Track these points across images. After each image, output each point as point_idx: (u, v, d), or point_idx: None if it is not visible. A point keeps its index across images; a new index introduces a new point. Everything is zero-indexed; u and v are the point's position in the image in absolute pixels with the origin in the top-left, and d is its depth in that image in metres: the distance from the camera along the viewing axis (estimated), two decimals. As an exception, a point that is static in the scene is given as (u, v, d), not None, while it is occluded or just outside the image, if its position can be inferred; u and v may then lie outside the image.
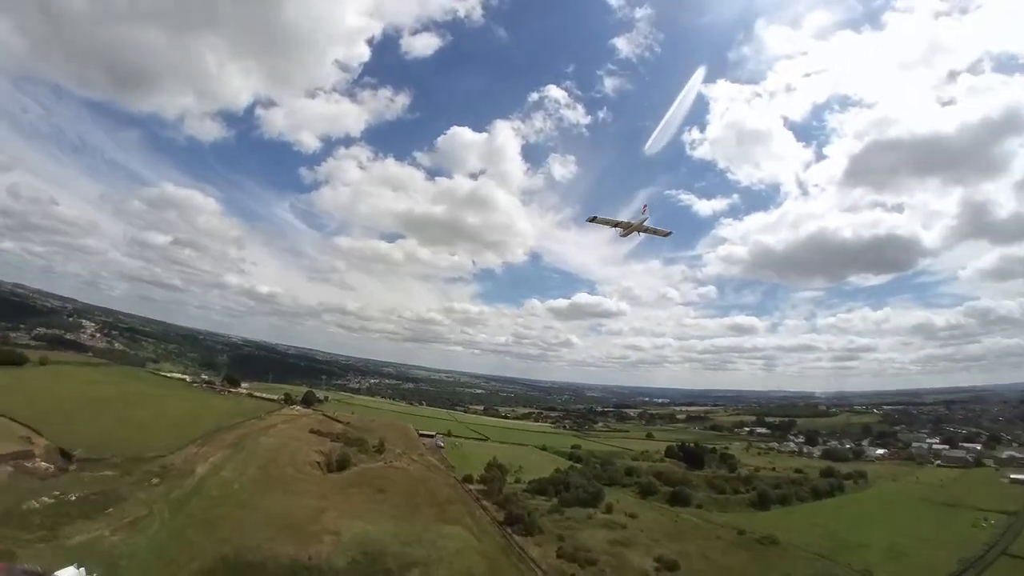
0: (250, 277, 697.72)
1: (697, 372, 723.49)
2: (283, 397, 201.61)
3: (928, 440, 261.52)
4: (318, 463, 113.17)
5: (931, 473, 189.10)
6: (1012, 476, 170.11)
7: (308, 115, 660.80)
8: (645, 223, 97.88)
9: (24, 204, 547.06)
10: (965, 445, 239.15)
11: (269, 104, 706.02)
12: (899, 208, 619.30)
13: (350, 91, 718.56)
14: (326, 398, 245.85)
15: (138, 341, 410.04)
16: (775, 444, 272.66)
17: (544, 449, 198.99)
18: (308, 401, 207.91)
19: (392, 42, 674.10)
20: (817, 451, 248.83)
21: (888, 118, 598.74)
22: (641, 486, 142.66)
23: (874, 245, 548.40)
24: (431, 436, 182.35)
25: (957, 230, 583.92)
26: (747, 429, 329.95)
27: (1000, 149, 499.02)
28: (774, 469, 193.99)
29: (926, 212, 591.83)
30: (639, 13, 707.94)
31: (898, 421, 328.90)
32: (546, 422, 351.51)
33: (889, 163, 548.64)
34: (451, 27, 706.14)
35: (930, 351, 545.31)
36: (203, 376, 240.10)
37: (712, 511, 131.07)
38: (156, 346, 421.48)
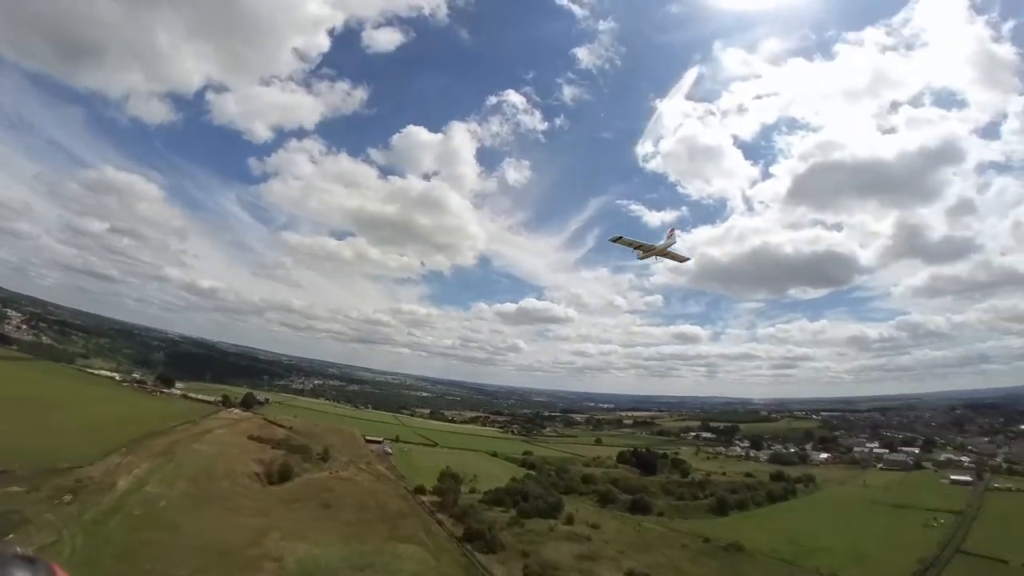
0: (192, 270, 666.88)
1: (642, 378, 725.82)
2: (221, 399, 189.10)
3: (868, 444, 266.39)
4: (258, 474, 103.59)
5: (875, 476, 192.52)
6: (952, 477, 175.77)
7: (261, 103, 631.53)
8: (669, 248, 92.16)
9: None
10: (904, 449, 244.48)
11: (221, 89, 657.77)
12: (838, 227, 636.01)
13: (307, 81, 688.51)
14: (267, 400, 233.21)
15: (68, 335, 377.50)
16: (722, 449, 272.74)
17: (495, 455, 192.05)
18: (248, 403, 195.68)
19: (354, 34, 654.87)
20: (764, 455, 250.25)
21: (832, 142, 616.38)
22: (600, 494, 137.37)
23: (814, 261, 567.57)
24: (378, 442, 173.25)
25: (892, 250, 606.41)
26: (693, 434, 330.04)
27: (935, 177, 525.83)
28: (724, 474, 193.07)
29: (864, 232, 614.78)
30: (603, 25, 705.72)
31: (837, 427, 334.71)
32: (494, 427, 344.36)
33: (831, 184, 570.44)
34: (415, 24, 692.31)
35: (863, 361, 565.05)
36: (135, 375, 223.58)
37: (673, 518, 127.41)
38: (87, 340, 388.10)
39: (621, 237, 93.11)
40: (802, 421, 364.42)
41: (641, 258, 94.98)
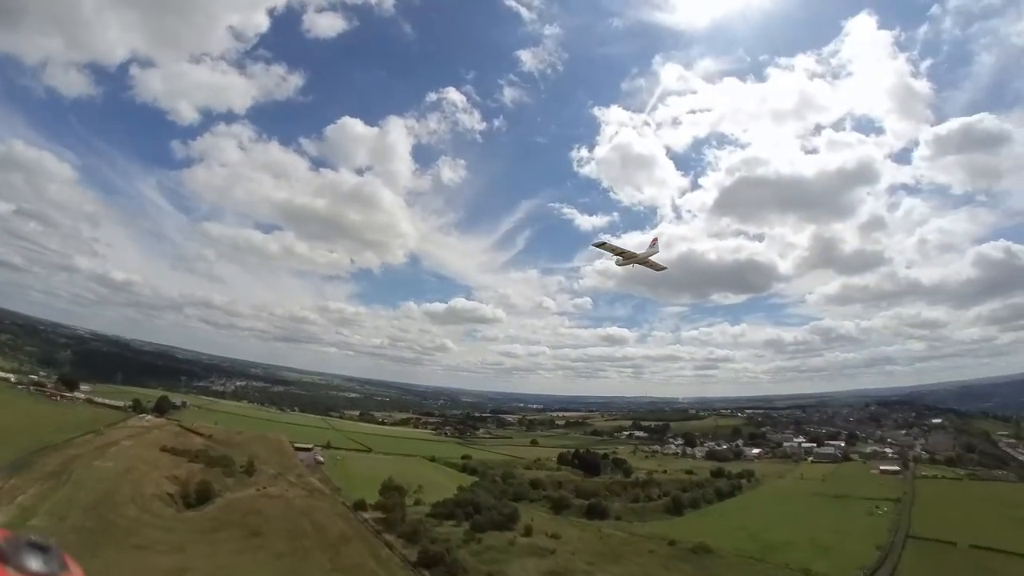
0: (104, 261, 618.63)
1: (570, 379, 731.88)
2: (131, 404, 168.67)
3: (795, 439, 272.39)
4: (171, 495, 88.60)
5: (808, 469, 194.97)
6: (882, 468, 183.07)
7: (189, 82, 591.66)
8: (650, 257, 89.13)
9: None
10: (830, 443, 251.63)
11: (147, 64, 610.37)
12: (760, 238, 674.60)
13: (240, 62, 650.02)
14: (184, 404, 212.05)
15: None
16: (657, 447, 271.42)
17: (434, 460, 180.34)
18: (162, 408, 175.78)
19: (295, 16, 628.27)
20: (699, 452, 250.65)
21: (758, 158, 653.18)
22: (552, 500, 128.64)
23: (736, 268, 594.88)
24: (308, 450, 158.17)
25: (808, 260, 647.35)
26: (627, 433, 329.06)
27: (850, 196, 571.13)
28: (665, 472, 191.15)
29: (783, 243, 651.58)
30: (548, 31, 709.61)
31: (762, 423, 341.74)
32: (426, 428, 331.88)
33: (755, 198, 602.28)
34: (359, 12, 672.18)
35: (779, 363, 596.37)
36: (32, 376, 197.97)
37: (632, 521, 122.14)
38: None
39: (604, 243, 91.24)
40: (728, 419, 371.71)
41: (620, 264, 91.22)
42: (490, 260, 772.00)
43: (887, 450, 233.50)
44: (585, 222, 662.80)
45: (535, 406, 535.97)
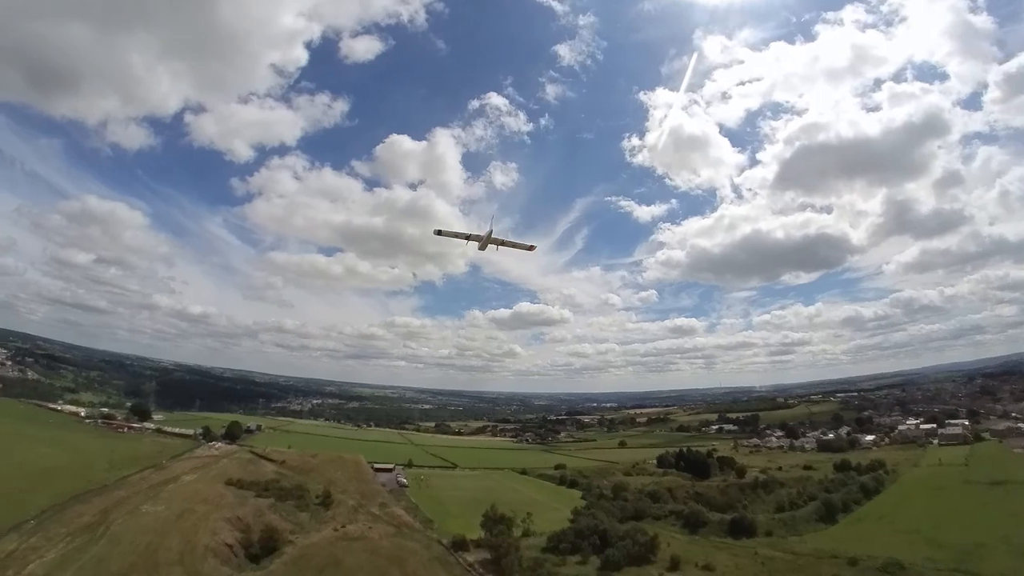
0: (181, 297, 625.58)
1: (640, 375, 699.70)
2: (201, 432, 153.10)
3: (909, 421, 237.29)
4: (230, 546, 68.24)
5: (939, 453, 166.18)
6: None
7: (241, 122, 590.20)
8: (493, 235, 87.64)
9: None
10: (951, 423, 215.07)
11: (199, 110, 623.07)
12: (828, 209, 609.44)
13: (285, 96, 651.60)
14: (258, 428, 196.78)
15: (56, 369, 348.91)
16: (756, 440, 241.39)
17: (524, 473, 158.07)
18: (233, 435, 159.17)
19: (331, 45, 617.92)
20: (807, 444, 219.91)
21: (817, 124, 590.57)
22: (682, 516, 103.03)
23: (805, 245, 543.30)
24: (389, 470, 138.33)
25: (882, 227, 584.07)
26: (714, 427, 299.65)
27: (921, 151, 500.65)
28: (780, 468, 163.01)
29: (853, 212, 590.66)
30: (583, 20, 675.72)
31: (861, 407, 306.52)
32: (505, 436, 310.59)
33: (818, 167, 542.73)
34: (393, 31, 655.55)
35: (859, 341, 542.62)
36: (103, 408, 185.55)
37: (785, 536, 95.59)
38: (76, 374, 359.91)
39: (441, 231, 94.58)
40: (820, 404, 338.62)
41: (481, 248, 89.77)
42: (550, 262, 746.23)
43: (1021, 425, 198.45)
44: (643, 213, 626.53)
45: (608, 404, 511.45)
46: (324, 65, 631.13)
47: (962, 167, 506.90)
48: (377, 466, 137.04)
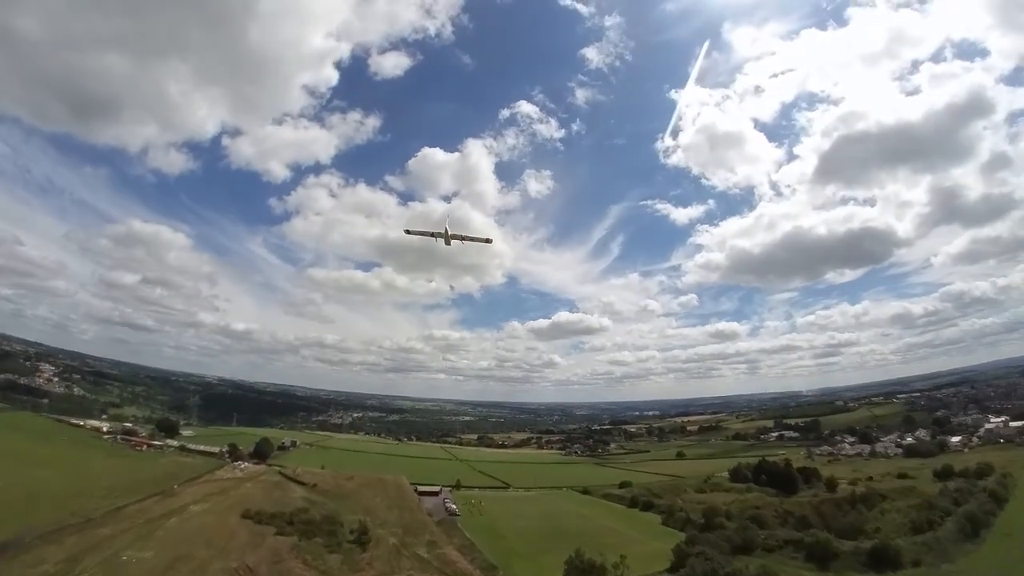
0: (225, 314, 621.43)
1: (682, 381, 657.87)
2: (227, 449, 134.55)
3: (993, 419, 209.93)
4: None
5: None
6: None
7: (276, 143, 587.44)
8: (449, 232, 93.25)
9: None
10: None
11: (236, 133, 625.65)
12: (871, 201, 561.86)
13: (319, 116, 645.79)
14: (293, 444, 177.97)
15: (102, 385, 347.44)
16: (829, 448, 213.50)
17: (587, 493, 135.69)
18: (262, 453, 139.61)
19: (360, 63, 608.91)
20: (888, 449, 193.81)
21: (855, 112, 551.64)
22: (803, 546, 79.20)
23: (848, 240, 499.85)
24: (435, 493, 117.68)
25: (928, 217, 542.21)
26: (774, 434, 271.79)
27: (966, 133, 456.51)
28: (871, 479, 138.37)
29: (897, 203, 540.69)
30: (609, 21, 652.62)
31: (933, 407, 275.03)
32: (552, 448, 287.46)
33: (858, 157, 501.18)
34: (421, 45, 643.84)
35: (909, 339, 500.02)
36: (127, 423, 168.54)
37: (938, 564, 72.43)
38: (122, 389, 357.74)
39: (409, 230, 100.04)
40: (883, 407, 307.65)
41: (447, 243, 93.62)
42: (587, 271, 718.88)
43: None
44: (680, 215, 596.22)
45: (651, 413, 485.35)
46: (355, 83, 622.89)
47: (1009, 148, 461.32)
48: (422, 489, 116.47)
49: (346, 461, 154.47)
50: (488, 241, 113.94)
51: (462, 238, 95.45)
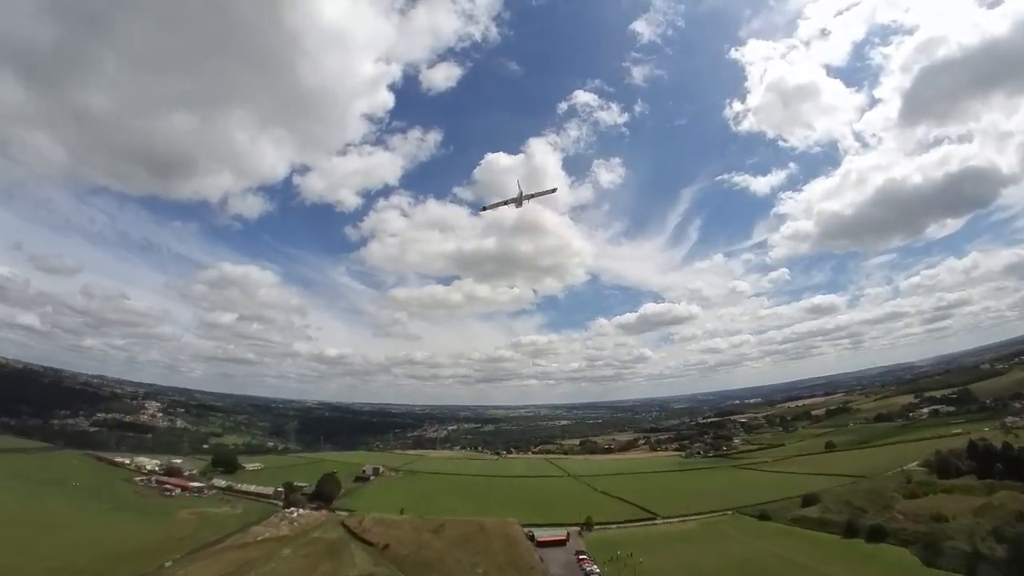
0: (318, 342, 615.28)
1: (780, 364, 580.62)
2: (283, 488, 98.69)
3: None
4: None
5: None
6: None
7: (344, 173, 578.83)
8: (522, 194, 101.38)
9: (98, 303, 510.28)
10: None
11: (304, 170, 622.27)
12: (967, 137, 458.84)
13: (380, 139, 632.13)
14: (376, 472, 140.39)
15: (205, 416, 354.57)
16: (1015, 419, 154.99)
17: (766, 518, 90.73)
18: (326, 495, 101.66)
19: (412, 81, 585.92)
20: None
21: (934, 39, 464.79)
22: None
23: (948, 184, 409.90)
24: (561, 542, 76.37)
25: None
26: (924, 410, 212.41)
27: None
28: None
29: (997, 134, 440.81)
30: None
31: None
32: (668, 449, 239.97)
33: (946, 89, 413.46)
34: (468, 52, 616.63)
35: None
36: (177, 460, 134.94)
37: None
38: (224, 419, 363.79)
39: (485, 206, 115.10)
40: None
41: (518, 206, 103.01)
42: (668, 259, 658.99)
43: None
44: (760, 185, 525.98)
45: (752, 400, 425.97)
46: (410, 101, 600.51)
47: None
48: (540, 536, 75.19)
49: (437, 492, 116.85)
50: (553, 191, 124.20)
51: (531, 196, 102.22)
